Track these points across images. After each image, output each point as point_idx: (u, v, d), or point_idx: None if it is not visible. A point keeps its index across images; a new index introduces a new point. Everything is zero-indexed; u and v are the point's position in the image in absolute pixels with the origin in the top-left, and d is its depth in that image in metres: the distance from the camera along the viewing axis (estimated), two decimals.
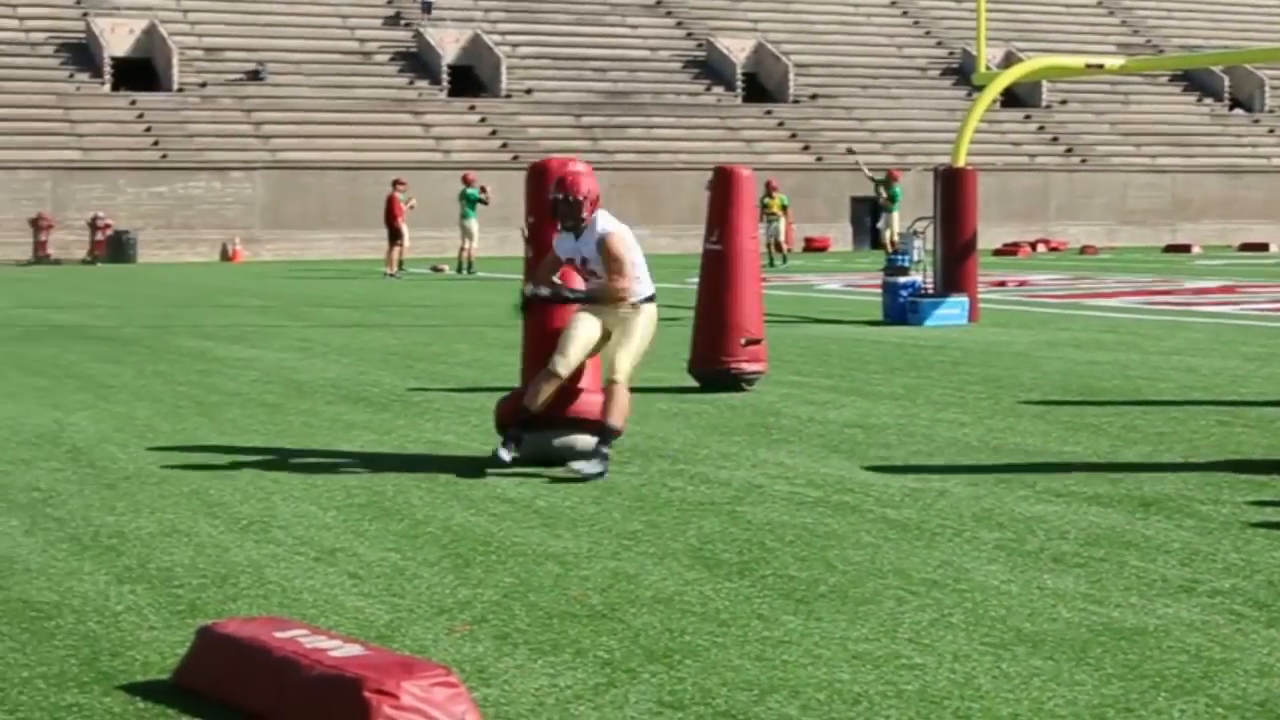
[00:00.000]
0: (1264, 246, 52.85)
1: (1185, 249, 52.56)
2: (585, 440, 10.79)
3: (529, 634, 6.83)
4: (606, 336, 11.00)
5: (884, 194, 43.81)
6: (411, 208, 39.63)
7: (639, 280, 11.15)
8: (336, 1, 60.39)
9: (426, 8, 56.78)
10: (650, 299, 11.18)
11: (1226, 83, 67.20)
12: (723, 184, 15.40)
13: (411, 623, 7.03)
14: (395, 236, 38.84)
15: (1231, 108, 67.41)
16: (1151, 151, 62.45)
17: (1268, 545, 8.35)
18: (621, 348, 10.90)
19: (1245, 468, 10.74)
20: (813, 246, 53.73)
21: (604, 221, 10.95)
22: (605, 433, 10.59)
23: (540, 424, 10.79)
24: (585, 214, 10.92)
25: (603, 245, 10.90)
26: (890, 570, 7.88)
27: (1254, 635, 6.73)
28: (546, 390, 10.69)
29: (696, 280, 16.07)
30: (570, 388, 10.85)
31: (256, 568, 8.05)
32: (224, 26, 57.47)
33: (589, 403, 10.87)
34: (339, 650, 5.75)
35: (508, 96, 57.29)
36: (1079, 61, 29.68)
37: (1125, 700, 5.91)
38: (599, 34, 61.86)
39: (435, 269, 41.70)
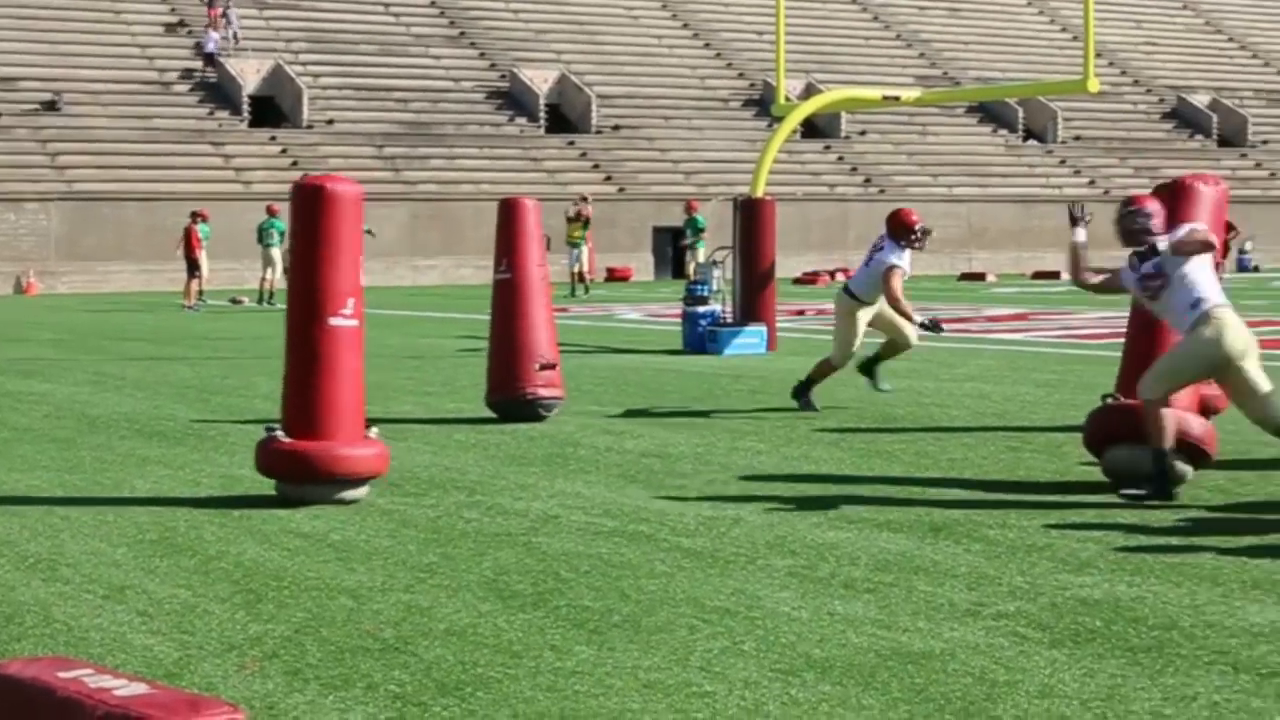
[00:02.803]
0: (1056, 275, 53.80)
1: (980, 277, 53.41)
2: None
3: (320, 669, 6.79)
4: None
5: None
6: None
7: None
8: (135, 31, 59.66)
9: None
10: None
11: (1021, 115, 68.39)
12: (508, 214, 15.49)
13: (201, 660, 6.95)
14: (194, 268, 38.47)
15: (1025, 139, 68.61)
16: (948, 181, 63.37)
17: (1052, 568, 8.53)
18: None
19: (1033, 491, 10.96)
20: (615, 276, 53.89)
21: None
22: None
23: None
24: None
25: None
26: (683, 599, 7.94)
27: (1037, 657, 6.86)
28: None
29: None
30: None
31: (43, 607, 7.93)
32: (19, 55, 56.47)
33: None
34: (124, 689, 5.66)
35: (309, 127, 56.86)
36: (876, 93, 30.10)
37: None
38: (401, 64, 61.62)
39: (234, 300, 41.30)
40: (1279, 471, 11.75)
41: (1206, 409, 11.97)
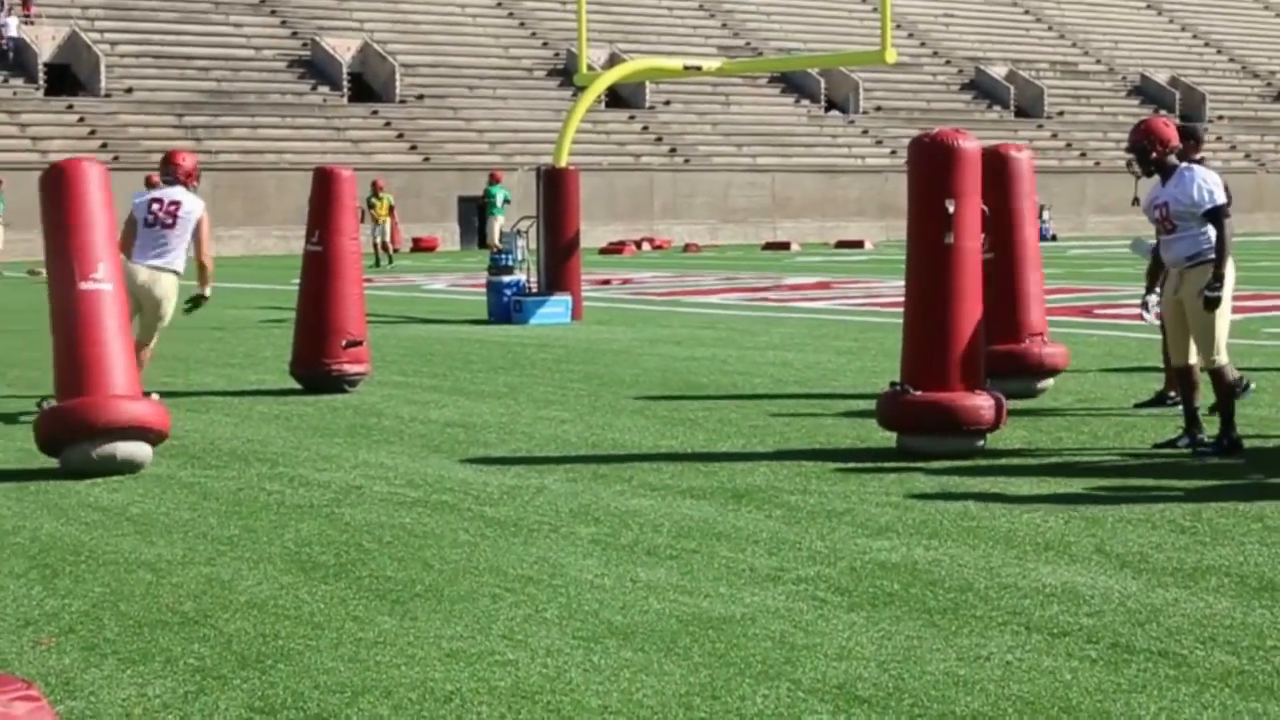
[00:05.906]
0: (859, 244, 54.46)
1: (784, 246, 53.87)
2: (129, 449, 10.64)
3: (118, 644, 6.71)
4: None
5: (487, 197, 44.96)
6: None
7: None
8: None
9: None
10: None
11: (823, 85, 69.02)
12: (322, 185, 15.30)
13: None
14: None
15: (828, 109, 69.26)
16: (752, 152, 63.79)
17: (851, 533, 8.64)
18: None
19: (833, 458, 11.09)
20: (420, 246, 53.65)
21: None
22: None
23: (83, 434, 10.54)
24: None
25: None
26: (486, 568, 7.94)
27: (835, 620, 6.96)
28: None
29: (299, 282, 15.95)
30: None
31: None
32: None
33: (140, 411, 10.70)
34: None
35: (107, 96, 55.94)
36: (678, 63, 30.17)
37: (711, 688, 6.06)
38: (202, 32, 60.78)
39: (32, 273, 40.55)
40: (1069, 432, 12.00)
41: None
